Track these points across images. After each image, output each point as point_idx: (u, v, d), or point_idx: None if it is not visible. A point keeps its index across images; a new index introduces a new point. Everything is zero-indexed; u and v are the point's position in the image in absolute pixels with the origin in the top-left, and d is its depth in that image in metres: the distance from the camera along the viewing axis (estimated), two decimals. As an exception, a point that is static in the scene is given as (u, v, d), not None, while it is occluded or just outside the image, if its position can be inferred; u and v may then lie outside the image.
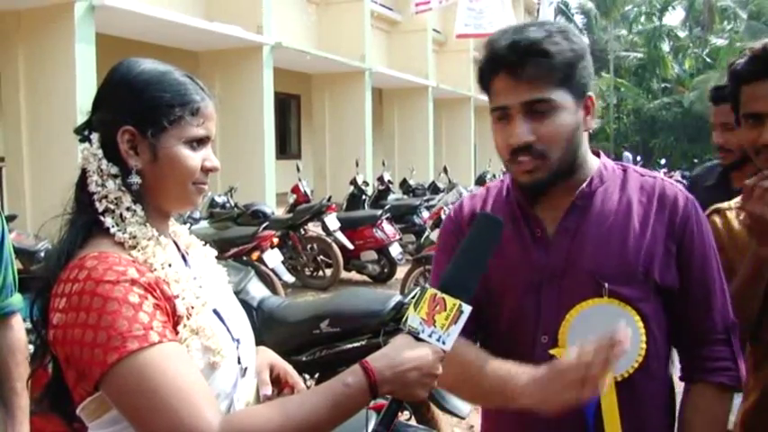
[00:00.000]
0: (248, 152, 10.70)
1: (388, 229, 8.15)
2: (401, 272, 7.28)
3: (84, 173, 1.17)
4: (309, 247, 7.93)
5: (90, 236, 1.13)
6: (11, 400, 1.87)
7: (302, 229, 7.96)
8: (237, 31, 10.12)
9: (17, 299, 1.91)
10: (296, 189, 9.84)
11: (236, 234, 6.82)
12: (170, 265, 1.14)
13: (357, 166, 11.05)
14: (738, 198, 1.68)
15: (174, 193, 1.19)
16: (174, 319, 1.10)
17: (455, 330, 1.12)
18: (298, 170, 10.07)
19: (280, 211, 9.42)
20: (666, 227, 1.32)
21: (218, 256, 1.39)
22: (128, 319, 1.02)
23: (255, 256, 6.64)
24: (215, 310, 1.20)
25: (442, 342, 1.11)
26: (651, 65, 31.82)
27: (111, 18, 8.07)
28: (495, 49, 1.29)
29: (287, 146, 15.12)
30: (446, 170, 13.08)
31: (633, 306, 1.29)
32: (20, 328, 1.92)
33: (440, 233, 1.57)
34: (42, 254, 4.29)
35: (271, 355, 1.40)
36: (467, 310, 1.12)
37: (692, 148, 28.36)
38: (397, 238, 8.27)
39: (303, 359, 3.38)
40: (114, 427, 1.08)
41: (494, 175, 14.00)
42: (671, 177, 1.80)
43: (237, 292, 3.92)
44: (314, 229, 8.15)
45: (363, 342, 3.26)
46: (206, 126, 1.19)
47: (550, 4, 13.74)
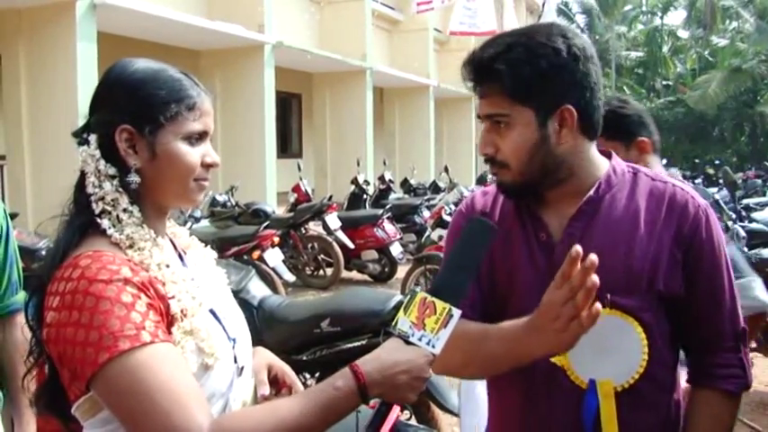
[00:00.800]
0: (249, 151, 10.71)
1: (389, 228, 8.16)
2: (402, 271, 7.28)
3: (83, 174, 1.17)
4: (310, 246, 7.93)
5: (87, 235, 1.13)
6: (18, 398, 1.88)
7: (303, 229, 7.96)
8: (239, 30, 10.12)
9: (22, 297, 1.92)
10: (297, 188, 9.85)
11: (236, 233, 6.82)
12: (167, 266, 1.14)
13: (358, 165, 11.05)
14: None
15: (175, 189, 1.18)
16: (168, 320, 1.10)
17: (444, 334, 1.12)
18: (299, 169, 10.08)
19: (280, 211, 9.42)
20: (674, 234, 1.30)
21: (219, 255, 1.39)
22: (120, 319, 1.01)
23: (256, 255, 6.64)
24: (211, 311, 1.20)
25: (432, 346, 1.12)
26: (652, 64, 31.80)
27: (113, 16, 8.07)
28: (463, 65, 1.32)
29: (288, 145, 15.12)
30: (447, 170, 13.08)
31: (635, 316, 1.27)
32: (25, 325, 1.92)
33: (449, 229, 1.57)
34: (43, 252, 4.29)
35: (268, 356, 1.40)
36: (456, 314, 1.12)
37: (693, 149, 28.34)
38: (398, 237, 8.28)
39: (304, 358, 3.38)
40: (108, 427, 1.08)
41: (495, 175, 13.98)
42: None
43: (238, 291, 3.92)
44: (315, 228, 8.16)
45: (364, 342, 3.26)
46: (203, 121, 1.19)
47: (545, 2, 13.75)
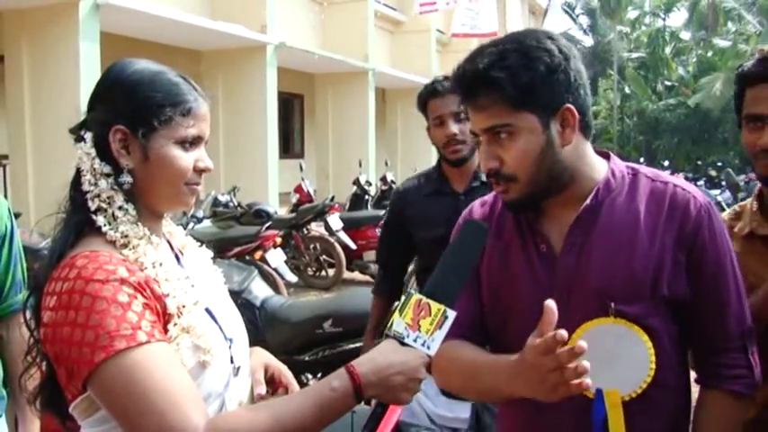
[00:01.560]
0: (251, 152, 10.71)
1: (391, 229, 8.14)
2: (404, 272, 7.27)
3: (79, 172, 1.17)
4: (312, 246, 7.93)
5: (83, 235, 1.14)
6: (22, 398, 1.88)
7: (305, 229, 7.96)
8: (241, 31, 10.13)
9: (25, 296, 1.92)
10: (299, 189, 9.85)
11: (238, 233, 6.83)
12: (161, 264, 1.14)
13: (360, 165, 11.05)
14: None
15: (166, 193, 1.19)
16: (165, 318, 1.10)
17: (440, 335, 1.13)
18: (301, 170, 10.09)
19: (283, 211, 9.42)
20: (676, 236, 1.29)
21: (221, 256, 1.41)
22: (116, 319, 1.02)
23: (258, 255, 6.65)
24: (207, 310, 1.20)
25: (427, 347, 1.13)
26: (655, 66, 31.78)
27: (116, 16, 8.08)
28: (452, 80, 1.30)
29: (290, 145, 15.13)
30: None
31: (641, 323, 1.25)
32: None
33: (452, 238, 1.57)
34: (45, 252, 4.29)
35: (265, 356, 1.40)
36: (451, 315, 1.13)
37: (695, 150, 28.30)
38: (400, 238, 8.25)
39: (306, 359, 3.38)
40: (105, 426, 1.08)
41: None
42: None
43: (240, 292, 3.93)
44: (317, 228, 8.16)
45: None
46: (198, 127, 1.19)
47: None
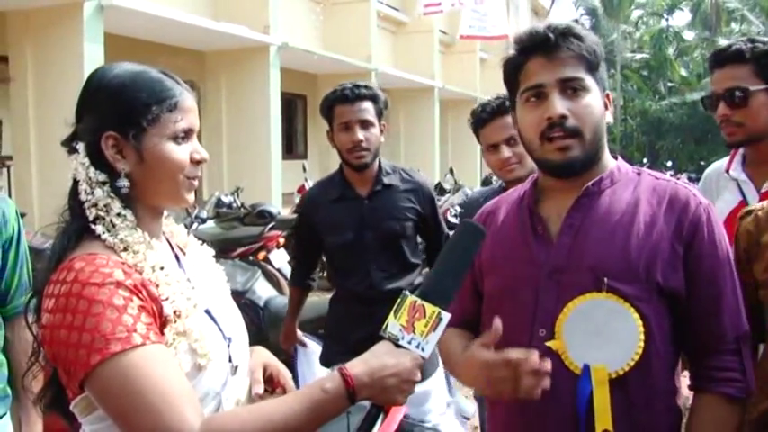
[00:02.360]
0: (254, 152, 10.72)
1: (394, 229, 8.13)
2: (406, 272, 7.26)
3: (76, 182, 1.18)
4: (315, 247, 7.91)
5: (82, 239, 1.15)
6: (25, 398, 1.89)
7: (308, 230, 7.94)
8: (244, 32, 10.14)
9: None
10: (302, 189, 9.85)
11: (242, 234, 6.83)
12: (161, 268, 1.15)
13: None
14: None
15: (166, 189, 1.20)
16: (161, 321, 1.11)
17: (434, 338, 1.13)
18: (304, 170, 10.08)
19: (286, 212, 9.42)
20: (674, 228, 1.32)
21: (224, 256, 1.42)
22: (111, 322, 1.03)
23: (262, 255, 6.65)
24: (207, 311, 1.21)
25: (421, 349, 1.13)
26: (658, 66, 31.73)
27: (120, 18, 8.09)
28: (533, 33, 1.36)
29: (293, 146, 15.12)
30: (452, 171, 13.07)
31: (633, 305, 1.28)
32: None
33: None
34: (49, 253, 4.29)
35: (265, 355, 1.41)
36: (446, 317, 1.13)
37: (698, 150, 28.24)
38: (403, 238, 8.25)
39: (308, 359, 3.38)
40: (104, 423, 1.10)
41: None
42: (677, 179, 1.76)
43: (244, 292, 3.95)
44: (320, 229, 8.14)
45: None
46: (187, 119, 1.20)
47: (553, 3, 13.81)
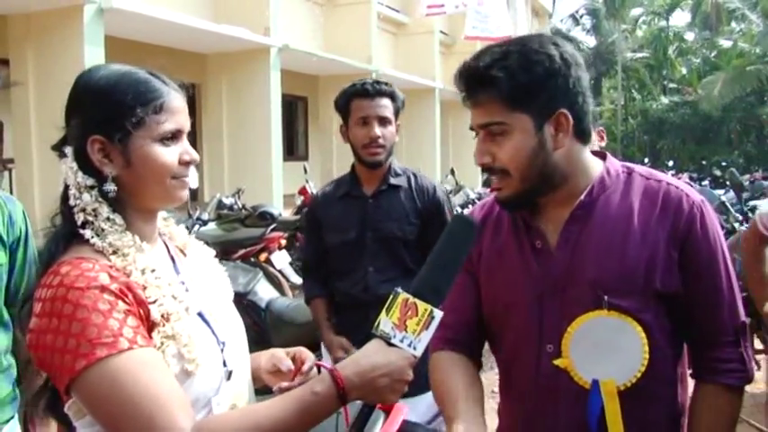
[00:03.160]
0: (255, 154, 10.73)
1: (395, 230, 8.12)
2: (408, 273, 7.25)
3: (67, 187, 1.17)
4: (316, 248, 7.91)
5: (71, 244, 1.13)
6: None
7: (309, 231, 7.94)
8: (245, 34, 10.15)
9: None
10: (303, 191, 9.84)
11: (243, 236, 6.84)
12: (152, 271, 1.13)
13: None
14: None
15: (155, 191, 1.17)
16: (149, 324, 1.09)
17: (426, 336, 1.11)
18: (305, 172, 10.09)
19: (287, 213, 9.42)
20: (669, 232, 1.31)
21: (226, 258, 1.41)
22: (97, 326, 1.02)
23: (263, 257, 6.65)
24: (200, 314, 1.19)
25: (414, 347, 1.11)
26: (658, 66, 31.73)
27: (120, 20, 8.11)
28: (456, 75, 1.34)
29: (294, 148, 15.14)
30: (453, 172, 13.06)
31: (634, 316, 1.28)
32: None
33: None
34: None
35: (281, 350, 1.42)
36: (438, 315, 1.11)
37: (699, 150, 28.23)
38: (405, 239, 8.23)
39: (311, 360, 3.39)
40: (98, 427, 1.08)
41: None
42: (679, 179, 1.75)
43: (246, 294, 3.95)
44: (321, 230, 8.14)
45: (370, 343, 3.27)
46: (174, 120, 1.17)
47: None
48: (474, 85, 1.31)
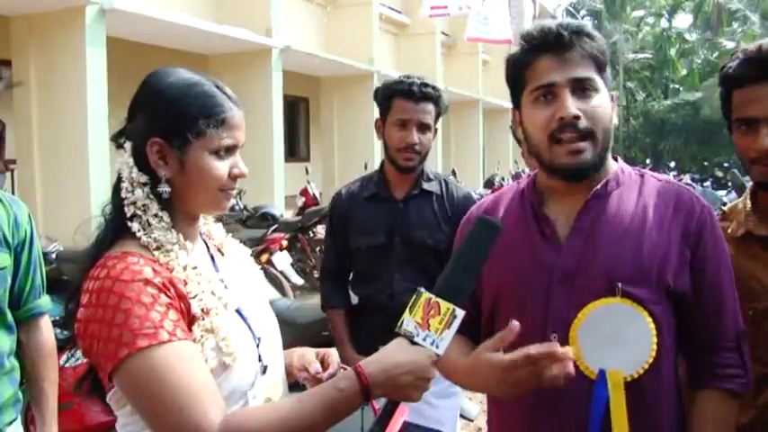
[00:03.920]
0: (257, 155, 10.71)
1: (397, 231, 8.12)
2: (409, 274, 7.24)
3: (120, 179, 1.22)
4: (318, 249, 7.94)
5: (120, 237, 1.19)
6: (41, 402, 1.90)
7: (311, 232, 7.98)
8: (247, 35, 10.16)
9: (45, 300, 1.94)
10: (305, 192, 9.87)
11: (245, 236, 6.84)
12: (194, 268, 1.18)
13: (366, 168, 11.04)
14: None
15: (202, 199, 1.23)
16: (189, 318, 1.14)
17: (449, 335, 1.13)
18: (306, 173, 10.10)
19: (288, 214, 9.44)
20: (681, 232, 1.32)
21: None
22: (139, 318, 1.06)
23: (264, 258, 6.66)
24: (238, 310, 1.23)
25: (436, 346, 1.13)
26: (660, 67, 31.72)
27: (122, 21, 8.11)
28: (545, 31, 1.33)
29: (296, 149, 15.15)
30: (454, 173, 13.07)
31: (646, 308, 1.29)
32: (48, 329, 1.95)
33: (458, 234, 1.58)
34: (54, 255, 4.31)
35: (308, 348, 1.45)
36: (460, 314, 1.13)
37: (701, 151, 28.22)
38: (406, 240, 8.23)
39: (312, 361, 3.39)
40: (135, 417, 1.12)
41: (502, 178, 13.97)
42: (680, 180, 1.75)
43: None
44: (322, 231, 8.16)
45: (372, 344, 3.27)
46: (233, 136, 1.22)
47: (558, 6, 13.82)
48: (575, 38, 1.32)
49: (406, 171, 2.43)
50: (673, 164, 23.24)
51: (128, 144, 1.22)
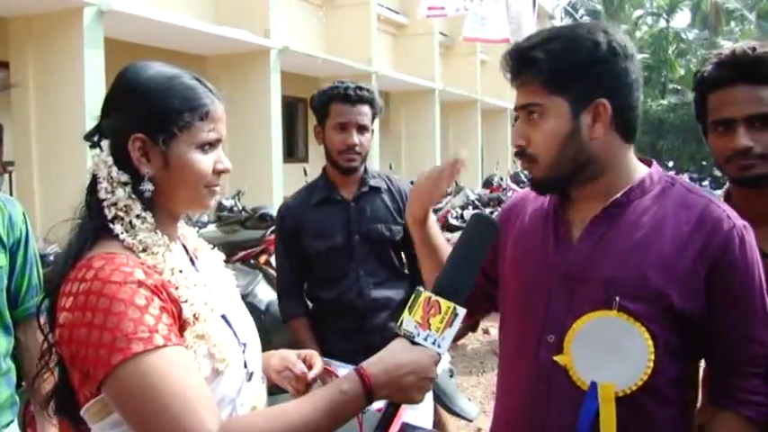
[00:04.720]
0: (256, 156, 10.72)
1: (396, 232, 8.12)
2: (408, 275, 7.24)
3: (95, 178, 1.16)
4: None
5: (99, 239, 1.13)
6: (40, 401, 1.89)
7: (310, 233, 7.93)
8: (245, 36, 10.15)
9: None
10: (303, 192, 9.83)
11: (243, 237, 6.83)
12: (180, 271, 1.14)
13: (305, 174, 11.00)
14: None
15: (187, 196, 1.18)
16: (180, 323, 1.10)
17: (450, 334, 1.12)
18: (305, 174, 10.06)
19: (287, 215, 9.39)
20: (699, 249, 1.25)
21: (226, 260, 1.41)
22: (133, 321, 1.01)
23: (263, 259, 6.65)
24: (223, 316, 1.20)
25: (438, 345, 1.11)
26: (658, 66, 31.72)
27: (120, 23, 8.10)
28: (503, 57, 1.34)
29: (294, 149, 15.13)
30: (453, 173, 13.03)
31: (643, 324, 1.25)
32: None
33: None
34: (52, 257, 4.31)
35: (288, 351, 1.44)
36: (461, 312, 1.12)
37: (699, 150, 28.19)
38: (405, 241, 8.23)
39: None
40: (117, 430, 1.07)
41: (501, 178, 13.96)
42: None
43: (246, 296, 3.94)
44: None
45: (370, 345, 3.26)
46: (216, 129, 1.19)
47: (557, 6, 13.82)
48: (517, 65, 1.31)
49: (348, 172, 2.50)
50: (671, 163, 23.22)
51: (105, 142, 1.16)
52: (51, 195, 7.47)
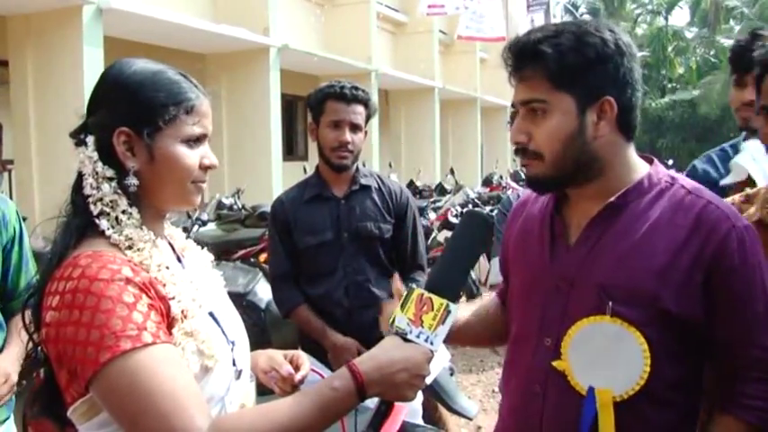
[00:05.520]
0: (255, 154, 10.72)
1: (395, 230, 8.12)
2: (408, 273, 7.24)
3: (81, 175, 1.16)
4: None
5: (85, 236, 1.12)
6: (12, 329, 1.89)
7: (309, 231, 7.93)
8: (244, 34, 10.14)
9: None
10: (303, 191, 9.83)
11: (243, 236, 6.83)
12: (167, 268, 1.13)
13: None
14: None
15: (173, 192, 1.18)
16: (168, 321, 1.09)
17: (443, 331, 1.11)
18: (304, 172, 10.06)
19: (287, 213, 9.38)
20: (695, 254, 1.23)
21: (225, 259, 1.41)
22: (122, 319, 1.00)
23: (263, 258, 6.63)
24: (211, 313, 1.19)
25: (430, 342, 1.11)
26: (657, 64, 31.69)
27: (119, 21, 8.10)
28: (505, 50, 1.31)
29: (294, 147, 15.13)
30: (453, 171, 13.06)
31: (638, 329, 1.23)
32: None
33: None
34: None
35: (275, 351, 1.42)
36: (454, 309, 1.11)
37: (699, 148, 28.19)
38: (404, 239, 8.24)
39: (311, 360, 3.38)
40: (105, 430, 1.06)
41: (501, 177, 13.96)
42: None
43: (245, 294, 3.94)
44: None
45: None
46: (202, 124, 1.18)
47: (557, 4, 13.76)
48: (522, 58, 1.27)
49: (340, 169, 2.56)
50: (671, 161, 23.20)
51: (90, 138, 1.15)
52: (51, 193, 7.46)
